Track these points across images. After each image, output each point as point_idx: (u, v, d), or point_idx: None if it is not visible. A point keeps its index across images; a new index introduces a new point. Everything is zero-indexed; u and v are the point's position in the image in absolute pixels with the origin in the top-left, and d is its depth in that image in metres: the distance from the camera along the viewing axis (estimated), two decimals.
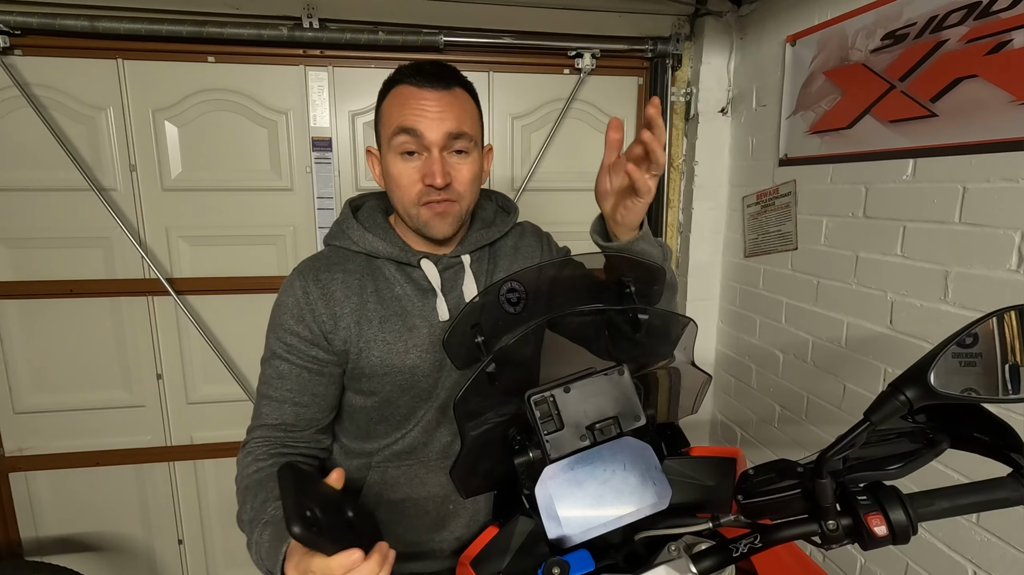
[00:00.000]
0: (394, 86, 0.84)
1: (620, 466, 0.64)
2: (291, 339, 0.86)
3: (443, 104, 0.80)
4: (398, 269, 0.89)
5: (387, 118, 0.84)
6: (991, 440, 0.55)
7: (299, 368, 0.86)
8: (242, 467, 0.83)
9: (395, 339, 0.86)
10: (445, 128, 0.80)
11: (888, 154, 1.25)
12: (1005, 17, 0.99)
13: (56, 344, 1.72)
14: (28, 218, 1.63)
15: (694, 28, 1.84)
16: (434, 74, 0.81)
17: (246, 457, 0.84)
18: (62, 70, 1.58)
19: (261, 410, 0.87)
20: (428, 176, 0.81)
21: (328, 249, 0.93)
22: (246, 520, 0.76)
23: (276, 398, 0.86)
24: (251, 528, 0.74)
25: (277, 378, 0.86)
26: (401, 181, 0.83)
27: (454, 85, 0.83)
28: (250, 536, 0.73)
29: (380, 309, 0.87)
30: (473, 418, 0.69)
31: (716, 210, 1.90)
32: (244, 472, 0.82)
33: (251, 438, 0.86)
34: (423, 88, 0.81)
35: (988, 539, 1.07)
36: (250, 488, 0.79)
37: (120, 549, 1.89)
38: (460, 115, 0.82)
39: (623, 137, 0.79)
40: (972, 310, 1.09)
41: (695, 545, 0.61)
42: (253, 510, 0.76)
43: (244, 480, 0.81)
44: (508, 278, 0.78)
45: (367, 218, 0.94)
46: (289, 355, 0.86)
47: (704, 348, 1.99)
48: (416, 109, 0.80)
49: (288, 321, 0.86)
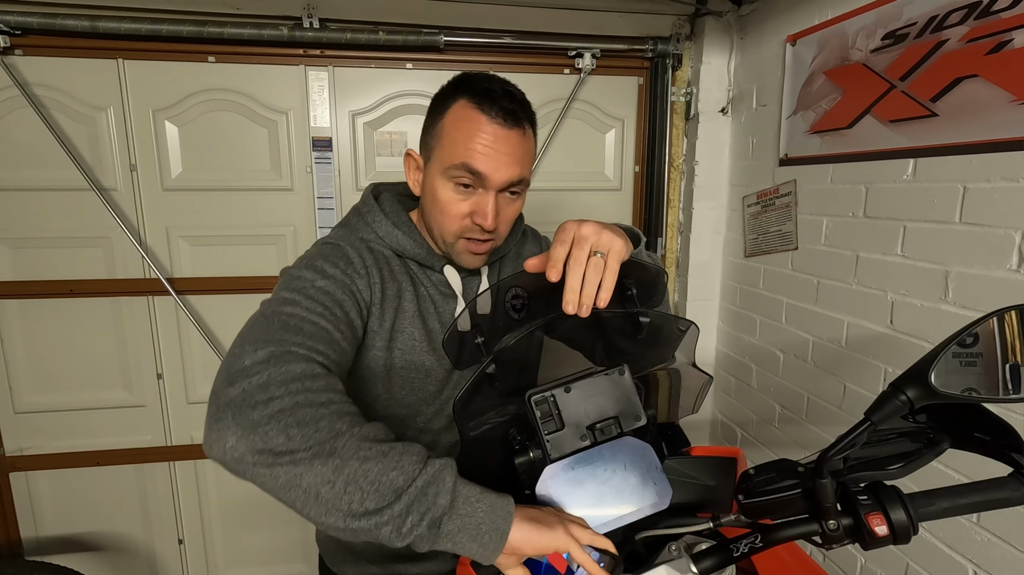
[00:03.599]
0: (461, 100, 0.76)
1: (621, 466, 0.64)
2: (326, 284, 0.71)
3: (512, 147, 0.76)
4: (420, 269, 0.87)
5: (449, 141, 0.77)
6: (992, 440, 0.55)
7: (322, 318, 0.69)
8: (322, 385, 0.58)
9: (421, 336, 0.84)
10: (510, 175, 0.76)
11: (888, 154, 1.25)
12: (1005, 17, 0.99)
13: (56, 344, 1.72)
14: (28, 218, 1.63)
15: (694, 28, 1.84)
16: (510, 111, 0.75)
17: (326, 378, 0.59)
18: (63, 70, 1.58)
19: (304, 328, 0.64)
20: (479, 215, 0.77)
21: (350, 234, 0.85)
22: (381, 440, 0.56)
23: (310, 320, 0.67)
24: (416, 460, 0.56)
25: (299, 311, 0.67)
26: (449, 210, 0.79)
27: (525, 122, 0.78)
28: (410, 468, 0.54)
29: (414, 303, 0.84)
30: (473, 418, 0.69)
31: (716, 210, 1.90)
32: (335, 398, 0.58)
33: (309, 354, 0.61)
34: (496, 124, 0.75)
35: (988, 539, 1.07)
36: (361, 423, 0.57)
37: (120, 549, 1.89)
38: (524, 160, 0.78)
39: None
40: (972, 310, 1.09)
41: (696, 545, 0.61)
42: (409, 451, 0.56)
43: (340, 405, 0.57)
44: (511, 283, 0.77)
45: (392, 212, 0.87)
46: (312, 303, 0.68)
47: (704, 348, 1.99)
48: (485, 148, 0.74)
49: (328, 267, 0.74)
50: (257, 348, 0.59)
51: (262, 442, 0.51)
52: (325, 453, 0.51)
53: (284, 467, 0.51)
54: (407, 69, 1.74)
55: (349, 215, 0.89)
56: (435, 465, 0.56)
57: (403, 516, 0.52)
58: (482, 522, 0.54)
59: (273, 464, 0.51)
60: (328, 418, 0.54)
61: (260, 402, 0.53)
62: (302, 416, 0.53)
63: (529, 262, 0.64)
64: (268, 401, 0.53)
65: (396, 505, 0.52)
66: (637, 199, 1.96)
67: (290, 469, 0.51)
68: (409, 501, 0.52)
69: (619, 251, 0.61)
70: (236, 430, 0.52)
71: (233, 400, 0.53)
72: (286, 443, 0.51)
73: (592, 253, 0.60)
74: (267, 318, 0.65)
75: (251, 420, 0.52)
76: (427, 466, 0.55)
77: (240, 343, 0.61)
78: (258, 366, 0.56)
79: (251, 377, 0.55)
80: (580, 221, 0.62)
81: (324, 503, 0.51)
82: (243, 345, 0.60)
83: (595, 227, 0.61)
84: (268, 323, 0.64)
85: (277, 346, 0.59)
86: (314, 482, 0.51)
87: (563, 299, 0.59)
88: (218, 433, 0.52)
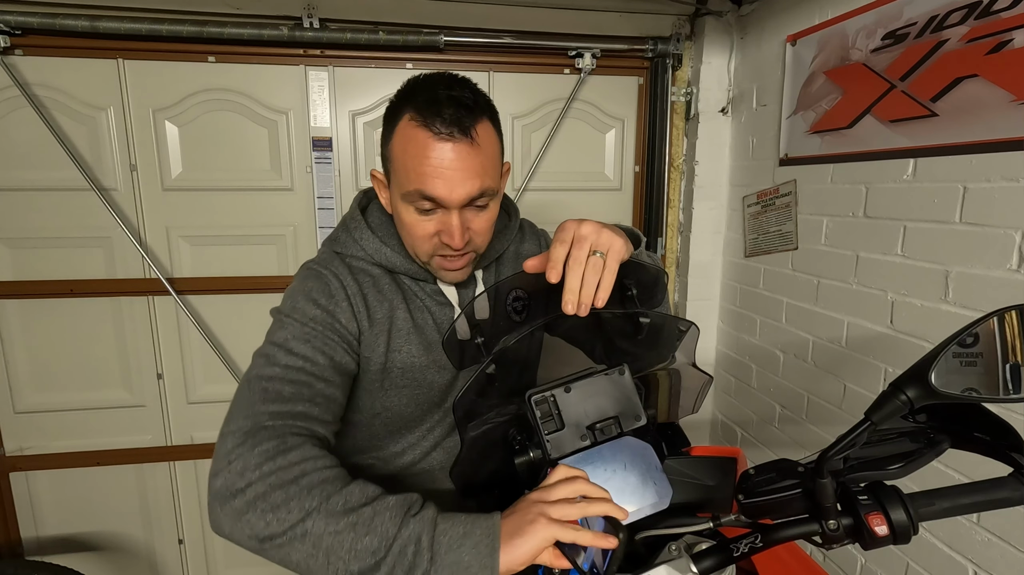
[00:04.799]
0: (405, 117, 0.72)
1: (621, 466, 0.64)
2: (307, 331, 0.73)
3: (465, 159, 0.71)
4: (413, 282, 0.86)
5: (400, 166, 0.73)
6: (992, 440, 0.55)
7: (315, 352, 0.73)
8: (294, 459, 0.60)
9: (419, 352, 0.83)
10: (468, 191, 0.72)
11: (888, 154, 1.25)
12: (1005, 17, 0.99)
13: (56, 344, 1.72)
14: (28, 218, 1.63)
15: (694, 28, 1.84)
16: (454, 120, 0.69)
17: (299, 448, 0.61)
18: (63, 70, 1.58)
19: (282, 392, 0.67)
20: (445, 235, 0.75)
21: (335, 255, 0.84)
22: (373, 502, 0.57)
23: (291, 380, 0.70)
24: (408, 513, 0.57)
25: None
26: (415, 232, 0.77)
27: (475, 126, 0.71)
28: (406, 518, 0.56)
29: (408, 319, 0.83)
30: (473, 418, 0.69)
31: (716, 210, 1.90)
32: (307, 468, 0.60)
33: (281, 424, 0.64)
34: (442, 140, 0.69)
35: (989, 539, 1.07)
36: (344, 479, 0.60)
37: (120, 549, 1.89)
38: (483, 169, 0.73)
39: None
40: (973, 310, 1.09)
41: (696, 545, 0.61)
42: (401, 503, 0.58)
43: (312, 476, 0.59)
44: (511, 285, 0.77)
45: (379, 226, 0.85)
46: (292, 358, 0.71)
47: (704, 348, 1.99)
48: (434, 171, 0.70)
49: (309, 308, 0.75)
50: (236, 427, 0.63)
51: (249, 529, 0.56)
52: (299, 536, 0.55)
53: (274, 550, 0.56)
54: (407, 69, 1.74)
55: (337, 229, 0.87)
56: (411, 526, 0.55)
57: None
58: (470, 564, 0.53)
59: (263, 548, 0.56)
60: (298, 497, 0.56)
61: (239, 490, 0.57)
62: (274, 500, 0.56)
63: (528, 262, 0.64)
64: (245, 489, 0.57)
65: (383, 567, 0.53)
66: (637, 199, 1.96)
67: (278, 551, 0.56)
68: (391, 566, 0.53)
69: (618, 251, 0.61)
70: (226, 520, 0.57)
71: (219, 491, 0.58)
72: (266, 529, 0.56)
73: (592, 253, 0.60)
74: (249, 385, 0.68)
75: (234, 509, 0.57)
76: (403, 527, 0.55)
77: (227, 420, 0.65)
78: (236, 450, 0.60)
79: (230, 465, 0.59)
80: (580, 220, 0.62)
81: (317, 572, 0.55)
82: (228, 423, 0.64)
83: (595, 227, 0.61)
84: (249, 393, 0.67)
85: (252, 421, 0.63)
86: (302, 558, 0.55)
87: (562, 299, 0.59)
88: (215, 521, 0.58)
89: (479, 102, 0.73)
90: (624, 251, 0.62)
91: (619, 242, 0.61)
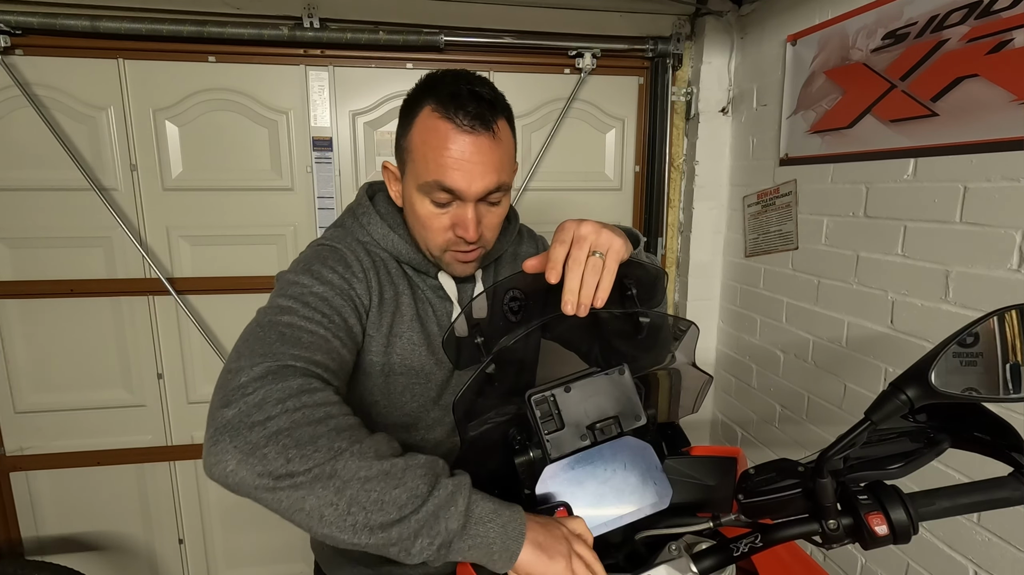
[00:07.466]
0: (427, 108, 0.72)
1: (621, 466, 0.64)
2: (323, 290, 0.71)
3: (484, 153, 0.72)
4: (416, 274, 0.87)
5: (419, 156, 0.73)
6: (992, 439, 0.55)
7: (319, 326, 0.68)
8: (320, 399, 0.57)
9: (420, 340, 0.84)
10: (486, 184, 0.73)
11: (889, 154, 1.25)
12: (1006, 16, 0.99)
13: (57, 344, 1.72)
14: (28, 218, 1.63)
15: (695, 28, 1.84)
16: (478, 115, 0.70)
17: (323, 391, 0.58)
18: (63, 70, 1.58)
19: (301, 338, 0.63)
20: (460, 228, 0.75)
21: (346, 234, 0.84)
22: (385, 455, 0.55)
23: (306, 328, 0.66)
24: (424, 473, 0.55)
25: (295, 320, 0.66)
26: (430, 224, 0.77)
27: (495, 122, 0.73)
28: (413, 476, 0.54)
29: (412, 306, 0.84)
30: (473, 418, 0.69)
31: (716, 210, 1.90)
32: (334, 411, 0.56)
33: (303, 368, 0.60)
34: (463, 132, 0.70)
35: (989, 539, 1.07)
36: (361, 430, 0.57)
37: (121, 549, 1.89)
38: (500, 164, 0.74)
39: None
40: (973, 309, 1.09)
41: (696, 544, 0.61)
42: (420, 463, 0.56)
43: (339, 419, 0.56)
44: (509, 285, 0.77)
45: (388, 214, 0.85)
46: (309, 311, 0.68)
47: (705, 348, 1.99)
48: (456, 162, 0.71)
49: (325, 272, 0.72)
50: (253, 363, 0.57)
51: (261, 465, 0.50)
52: (325, 475, 0.50)
53: (286, 491, 0.50)
54: (407, 69, 1.74)
55: (344, 216, 0.87)
56: (447, 487, 0.54)
57: (412, 539, 0.51)
58: (494, 542, 0.53)
59: (275, 488, 0.50)
60: (327, 436, 0.53)
61: (257, 422, 0.52)
62: (300, 436, 0.52)
63: (528, 262, 0.64)
64: (265, 421, 0.52)
65: (405, 526, 0.51)
66: (637, 199, 1.96)
67: (292, 493, 0.50)
68: (419, 525, 0.51)
69: (618, 251, 0.61)
70: (235, 453, 0.51)
71: (230, 422, 0.52)
72: (285, 466, 0.50)
73: (591, 253, 0.60)
74: (263, 328, 0.64)
75: (249, 442, 0.51)
76: (437, 488, 0.53)
77: (236, 357, 0.59)
78: (254, 383, 0.55)
79: (247, 396, 0.54)
80: (579, 220, 0.62)
81: (329, 524, 0.50)
82: (239, 359, 0.59)
83: (594, 227, 0.61)
84: (264, 334, 0.63)
85: (273, 360, 0.58)
86: (317, 504, 0.50)
87: (562, 299, 0.59)
88: (217, 456, 0.51)
89: (498, 102, 0.75)
90: (624, 251, 0.62)
91: (619, 242, 0.61)
